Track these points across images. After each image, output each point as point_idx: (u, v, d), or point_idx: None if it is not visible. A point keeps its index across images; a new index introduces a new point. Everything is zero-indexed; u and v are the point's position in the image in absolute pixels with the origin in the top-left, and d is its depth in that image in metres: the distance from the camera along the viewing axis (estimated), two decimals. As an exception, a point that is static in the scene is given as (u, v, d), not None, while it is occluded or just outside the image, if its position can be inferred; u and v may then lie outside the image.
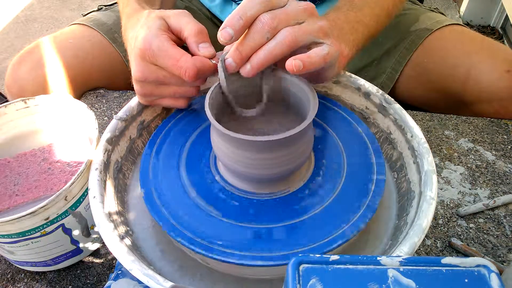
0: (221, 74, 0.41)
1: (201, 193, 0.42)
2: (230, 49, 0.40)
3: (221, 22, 0.83)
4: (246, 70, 0.40)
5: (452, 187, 0.60)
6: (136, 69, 0.44)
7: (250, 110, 0.46)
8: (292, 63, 0.38)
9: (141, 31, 0.44)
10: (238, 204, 0.41)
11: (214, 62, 0.43)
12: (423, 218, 0.38)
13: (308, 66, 0.39)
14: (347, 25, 0.47)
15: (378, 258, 0.25)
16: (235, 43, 0.40)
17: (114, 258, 0.52)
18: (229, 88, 0.42)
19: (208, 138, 0.47)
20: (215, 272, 0.40)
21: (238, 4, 0.76)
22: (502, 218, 0.57)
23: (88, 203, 0.48)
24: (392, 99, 0.50)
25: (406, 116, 0.48)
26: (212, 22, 0.83)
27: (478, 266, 0.25)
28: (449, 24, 0.74)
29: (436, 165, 0.62)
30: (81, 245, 0.50)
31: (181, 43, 0.46)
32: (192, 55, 0.43)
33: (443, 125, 0.70)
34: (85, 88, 0.77)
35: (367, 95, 0.52)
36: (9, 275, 0.53)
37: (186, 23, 0.44)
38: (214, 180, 0.43)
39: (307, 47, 0.42)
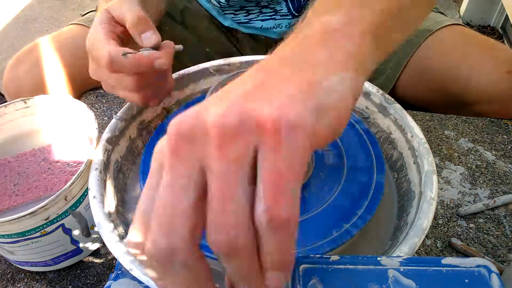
0: None
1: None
2: None
3: (220, 23, 0.82)
4: None
5: (452, 187, 0.60)
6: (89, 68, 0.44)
7: None
8: None
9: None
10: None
11: (141, 51, 0.40)
12: (423, 218, 0.38)
13: None
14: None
15: (378, 259, 0.25)
16: None
17: (114, 258, 0.52)
18: None
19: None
20: (215, 271, 0.40)
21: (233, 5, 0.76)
22: (502, 218, 0.57)
23: (88, 203, 0.48)
24: (392, 99, 0.50)
25: (407, 116, 0.47)
26: (211, 22, 0.83)
27: (478, 266, 0.25)
28: (450, 25, 0.74)
29: (436, 165, 0.62)
30: (81, 245, 0.50)
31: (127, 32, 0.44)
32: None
33: (443, 125, 0.70)
34: (84, 88, 0.76)
35: (367, 95, 0.52)
36: (9, 275, 0.52)
37: (127, 12, 0.42)
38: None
39: None
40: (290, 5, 0.74)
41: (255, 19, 0.76)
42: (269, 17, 0.76)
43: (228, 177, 0.21)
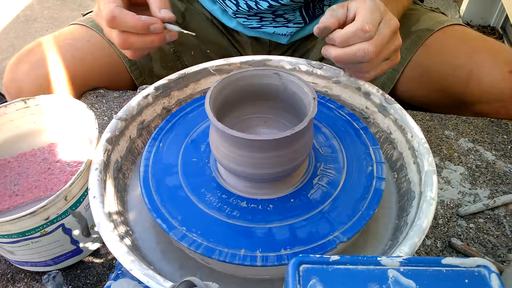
0: None
1: (200, 195, 0.42)
2: None
3: (222, 24, 0.82)
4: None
5: (452, 187, 0.60)
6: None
7: None
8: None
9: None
10: (237, 205, 0.41)
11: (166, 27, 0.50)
12: (423, 218, 0.38)
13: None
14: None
15: (378, 259, 0.25)
16: None
17: (114, 258, 0.52)
18: None
19: (207, 138, 0.47)
20: (215, 272, 0.40)
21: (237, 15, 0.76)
22: (502, 218, 0.57)
23: (88, 203, 0.48)
24: (392, 99, 0.50)
25: (407, 116, 0.48)
26: (212, 23, 0.83)
27: (478, 266, 0.25)
28: (451, 25, 0.74)
29: (436, 165, 0.62)
30: (81, 245, 0.50)
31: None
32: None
33: (443, 125, 0.70)
34: (84, 88, 0.76)
35: (367, 95, 0.52)
36: (9, 275, 0.53)
37: None
38: (213, 180, 0.43)
39: None
40: (305, 15, 0.75)
41: (267, 25, 0.76)
42: (281, 25, 0.76)
43: None
